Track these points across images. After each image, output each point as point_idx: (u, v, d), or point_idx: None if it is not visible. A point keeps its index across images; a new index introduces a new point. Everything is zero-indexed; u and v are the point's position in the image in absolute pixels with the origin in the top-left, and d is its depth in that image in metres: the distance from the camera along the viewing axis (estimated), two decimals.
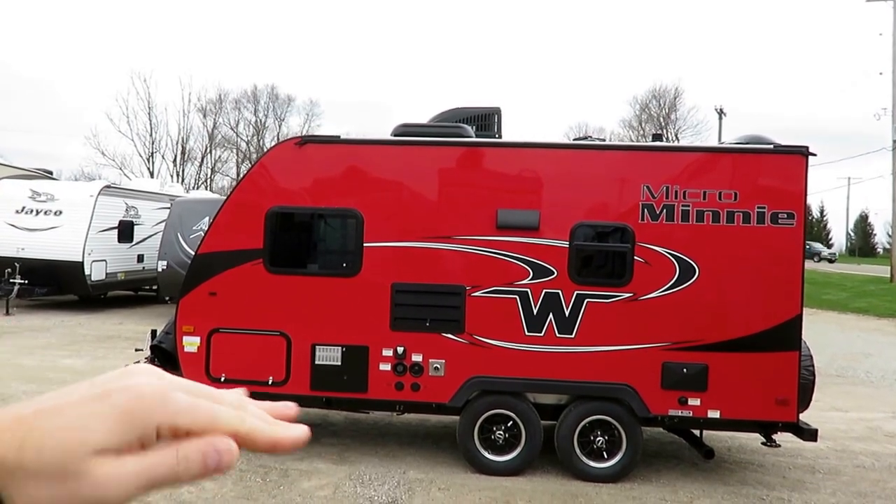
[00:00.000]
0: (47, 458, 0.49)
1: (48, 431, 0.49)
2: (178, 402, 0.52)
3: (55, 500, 0.49)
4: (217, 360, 6.62)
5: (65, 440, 0.49)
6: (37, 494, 0.49)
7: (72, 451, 0.49)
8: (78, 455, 0.49)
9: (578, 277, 6.35)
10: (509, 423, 6.48)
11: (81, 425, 0.50)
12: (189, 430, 0.52)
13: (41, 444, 0.49)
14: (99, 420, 0.50)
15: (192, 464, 0.52)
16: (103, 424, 0.50)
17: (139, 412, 0.51)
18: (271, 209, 6.59)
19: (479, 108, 7.64)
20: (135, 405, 0.51)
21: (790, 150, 6.24)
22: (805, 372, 6.30)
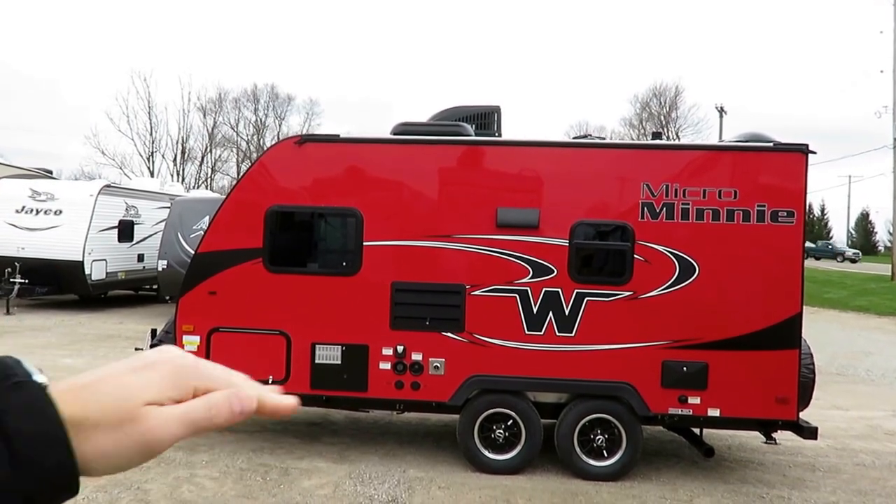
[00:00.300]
0: (108, 410, 0.61)
1: (106, 392, 0.62)
2: (208, 369, 0.68)
3: (116, 443, 0.61)
4: (217, 359, 6.53)
5: (121, 395, 0.62)
6: (101, 440, 0.60)
7: (127, 402, 0.62)
8: (133, 405, 0.62)
9: (578, 276, 6.35)
10: (509, 422, 6.48)
11: (134, 385, 0.63)
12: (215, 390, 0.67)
13: (102, 400, 0.61)
14: (148, 381, 0.63)
15: (221, 409, 0.65)
16: (152, 384, 0.63)
17: (180, 375, 0.65)
18: (271, 208, 6.59)
19: (479, 106, 7.63)
20: (177, 370, 0.65)
21: (790, 147, 6.23)
22: (805, 370, 6.30)
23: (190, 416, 0.64)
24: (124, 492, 5.77)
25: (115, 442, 0.61)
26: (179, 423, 0.63)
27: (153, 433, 0.62)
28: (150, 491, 5.83)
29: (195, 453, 6.72)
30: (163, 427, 0.62)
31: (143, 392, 0.62)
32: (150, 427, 0.62)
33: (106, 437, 0.60)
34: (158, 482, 6.02)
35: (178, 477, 6.16)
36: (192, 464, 6.47)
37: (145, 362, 0.65)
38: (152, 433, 0.62)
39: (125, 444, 0.61)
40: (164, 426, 0.63)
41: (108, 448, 0.61)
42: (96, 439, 0.60)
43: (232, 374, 0.70)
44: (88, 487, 5.77)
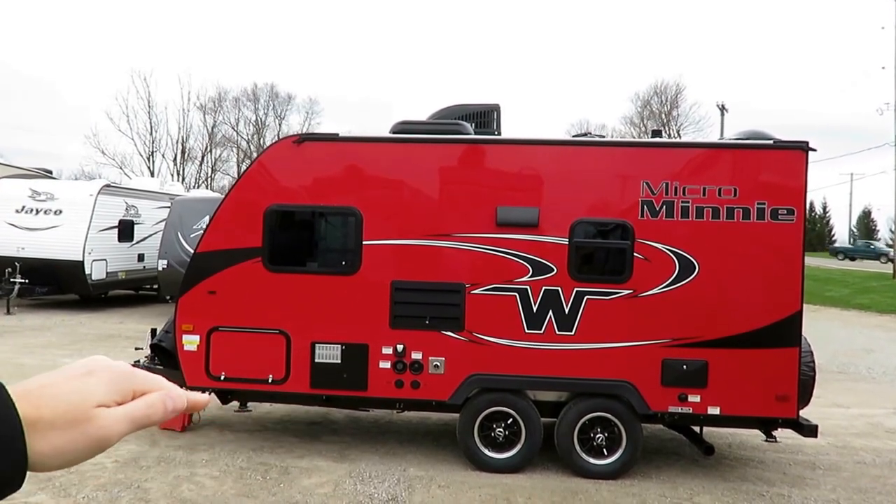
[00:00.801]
0: (63, 411, 0.68)
1: (58, 394, 0.69)
2: (141, 375, 0.76)
3: (70, 441, 0.68)
4: (217, 358, 6.61)
5: (74, 399, 0.69)
6: (56, 439, 0.67)
7: (80, 404, 0.69)
8: (84, 406, 0.69)
9: (578, 274, 6.34)
10: (509, 421, 6.48)
11: (83, 389, 0.70)
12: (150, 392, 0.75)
13: (56, 403, 0.68)
14: (95, 385, 0.71)
15: (157, 407, 0.75)
16: (99, 388, 0.71)
17: (121, 380, 0.73)
18: (270, 207, 6.59)
19: (479, 104, 7.62)
20: (118, 376, 0.74)
21: (790, 145, 6.22)
22: (805, 368, 6.29)
23: (133, 414, 0.73)
24: (124, 490, 5.77)
25: (70, 440, 0.68)
26: (125, 421, 0.72)
27: (104, 431, 0.70)
28: (150, 490, 5.83)
29: (195, 452, 6.72)
30: (112, 426, 0.71)
31: (93, 395, 0.70)
32: (101, 426, 0.70)
33: (60, 436, 0.68)
34: (158, 481, 6.02)
35: (179, 476, 6.16)
36: (192, 463, 6.47)
37: (87, 369, 0.73)
38: (103, 431, 0.70)
39: (79, 441, 0.69)
40: (113, 424, 0.71)
41: (63, 445, 0.68)
42: (51, 438, 0.67)
43: (161, 378, 0.78)
44: (88, 486, 5.78)
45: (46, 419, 0.67)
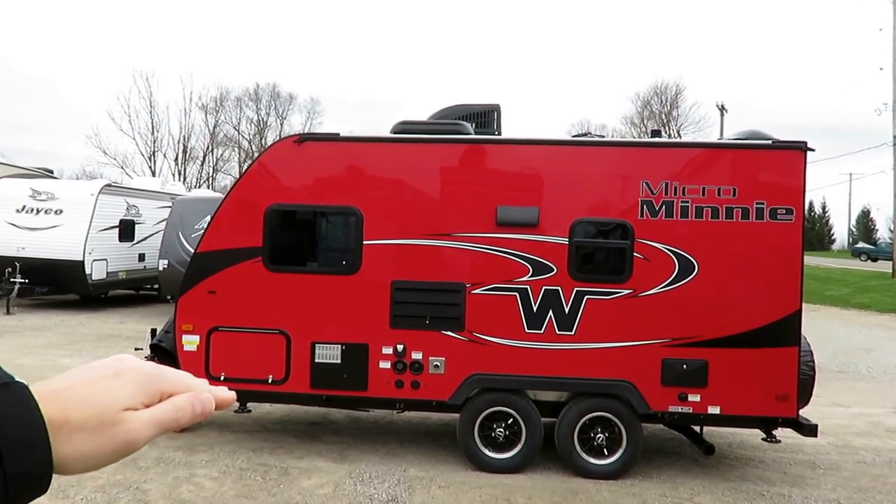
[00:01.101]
0: (91, 414, 0.66)
1: (86, 397, 0.67)
2: (169, 374, 0.75)
3: (97, 444, 0.67)
4: (216, 358, 6.61)
5: (102, 402, 0.67)
6: (82, 442, 0.66)
7: (107, 408, 0.67)
8: (112, 410, 0.68)
9: (578, 274, 6.34)
10: (509, 421, 6.48)
11: (111, 392, 0.68)
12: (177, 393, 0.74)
13: (83, 405, 0.66)
14: (123, 388, 0.69)
15: (185, 410, 0.73)
16: (125, 391, 0.69)
17: (148, 383, 0.71)
18: (270, 207, 6.59)
19: (479, 104, 7.62)
20: (146, 377, 0.72)
21: (788, 145, 6.22)
22: (805, 367, 6.29)
23: (160, 417, 0.71)
24: (123, 492, 5.77)
25: (96, 444, 0.67)
26: (152, 425, 0.70)
27: (131, 435, 0.68)
28: (150, 491, 5.83)
29: (194, 453, 6.72)
30: (139, 430, 0.69)
31: (120, 399, 0.69)
32: (129, 430, 0.68)
33: (87, 440, 0.66)
34: (157, 482, 6.02)
35: (178, 477, 6.16)
36: (192, 464, 6.47)
37: (114, 370, 0.71)
38: (130, 435, 0.68)
39: (105, 445, 0.67)
40: (141, 429, 0.69)
41: (88, 449, 0.66)
42: (77, 441, 0.65)
43: (188, 377, 0.77)
44: (87, 488, 5.78)
45: (73, 422, 0.65)
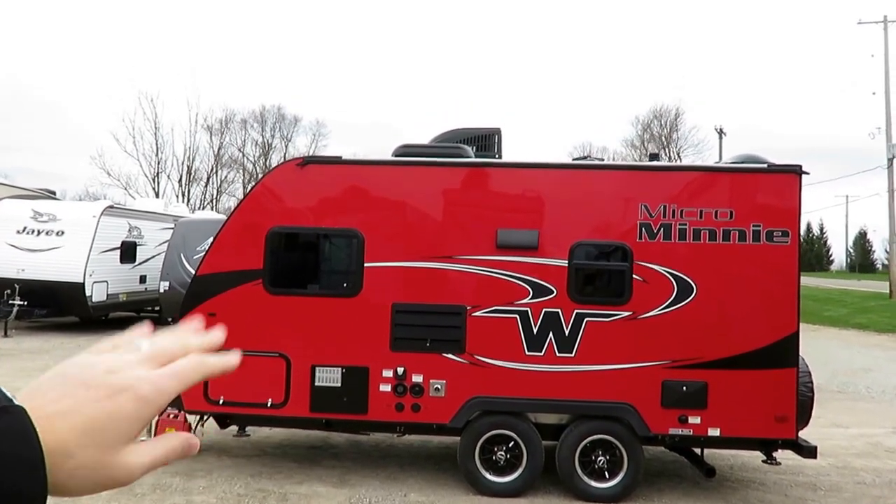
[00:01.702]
0: (91, 454, 0.64)
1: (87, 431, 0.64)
2: (167, 389, 0.69)
3: (95, 480, 0.65)
4: (215, 382, 6.60)
5: (104, 440, 0.65)
6: (81, 477, 0.64)
7: (111, 447, 0.65)
8: (115, 449, 0.65)
9: (578, 296, 6.38)
10: (510, 444, 6.47)
11: (112, 426, 0.65)
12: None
13: (85, 443, 0.64)
14: (124, 423, 0.66)
15: (175, 451, 0.71)
16: (127, 426, 0.66)
17: (146, 411, 0.68)
18: (272, 229, 6.63)
19: (480, 128, 7.70)
20: (143, 408, 0.67)
21: (784, 168, 6.30)
22: (803, 389, 6.31)
23: (153, 456, 0.70)
24: None
25: (96, 478, 0.65)
26: (149, 463, 0.69)
27: (131, 474, 0.67)
28: None
29: (192, 479, 6.69)
30: (138, 468, 0.68)
31: (123, 434, 0.66)
32: (130, 469, 0.67)
33: (88, 475, 0.65)
34: None
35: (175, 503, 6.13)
36: (189, 490, 6.43)
37: (110, 389, 0.66)
38: (130, 474, 0.67)
39: (104, 479, 0.66)
40: (139, 467, 0.68)
41: (88, 483, 0.65)
42: (78, 476, 0.64)
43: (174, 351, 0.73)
44: None
45: (77, 459, 0.63)
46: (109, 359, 0.70)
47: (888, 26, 33.07)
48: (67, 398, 0.65)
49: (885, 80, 32.48)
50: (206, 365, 0.74)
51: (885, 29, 33.00)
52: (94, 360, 0.70)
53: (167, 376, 0.70)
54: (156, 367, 0.70)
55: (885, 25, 33.06)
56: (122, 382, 0.67)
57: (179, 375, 0.71)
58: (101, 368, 0.68)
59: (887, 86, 32.41)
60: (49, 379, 0.67)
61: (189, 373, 0.72)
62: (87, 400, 0.65)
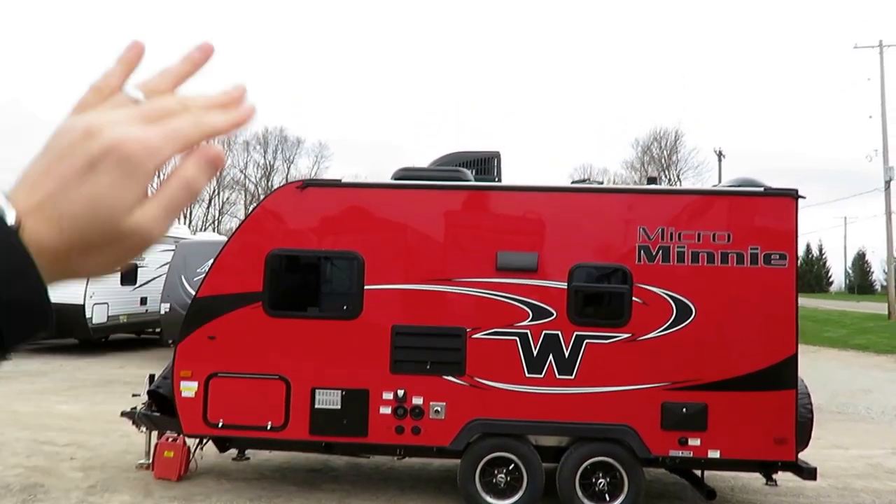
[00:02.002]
0: (92, 237, 0.58)
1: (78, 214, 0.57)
2: (159, 151, 0.60)
3: (112, 255, 0.60)
4: (215, 404, 6.59)
5: (100, 218, 0.58)
6: (97, 257, 0.59)
7: (110, 223, 0.58)
8: (116, 222, 0.58)
9: (577, 318, 6.40)
10: (511, 466, 6.46)
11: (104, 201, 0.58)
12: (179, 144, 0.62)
13: (81, 226, 0.57)
14: (114, 193, 0.58)
15: (195, 179, 0.63)
16: (120, 195, 0.58)
17: (138, 172, 0.59)
18: (272, 252, 6.66)
19: (479, 152, 7.79)
20: (132, 170, 0.59)
21: (780, 192, 6.37)
22: (803, 410, 6.32)
23: (170, 201, 0.62)
24: None
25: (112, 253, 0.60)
26: (164, 215, 0.62)
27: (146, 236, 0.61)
28: None
29: (191, 503, 6.66)
30: (152, 227, 0.61)
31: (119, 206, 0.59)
32: (142, 232, 0.60)
33: (101, 253, 0.60)
34: None
35: None
36: None
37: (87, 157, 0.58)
38: (145, 237, 0.61)
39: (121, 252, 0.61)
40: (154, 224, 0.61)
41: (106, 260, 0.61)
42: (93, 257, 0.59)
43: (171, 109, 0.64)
44: None
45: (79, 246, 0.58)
46: (92, 117, 0.61)
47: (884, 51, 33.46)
48: (51, 180, 0.58)
49: (882, 104, 32.83)
50: (208, 125, 0.64)
51: (881, 53, 33.40)
52: (71, 125, 0.61)
53: (160, 136, 0.61)
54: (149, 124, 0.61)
55: (881, 50, 33.44)
56: (103, 146, 0.58)
57: (175, 135, 0.62)
58: (80, 132, 0.59)
59: (884, 109, 32.76)
60: (34, 163, 0.60)
61: (186, 133, 0.62)
62: (70, 175, 0.58)
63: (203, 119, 0.64)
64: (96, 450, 8.28)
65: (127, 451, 8.15)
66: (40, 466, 7.55)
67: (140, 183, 0.59)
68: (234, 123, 0.67)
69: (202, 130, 0.64)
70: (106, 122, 0.60)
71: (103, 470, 7.48)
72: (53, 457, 7.92)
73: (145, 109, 0.63)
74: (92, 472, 7.37)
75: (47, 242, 0.56)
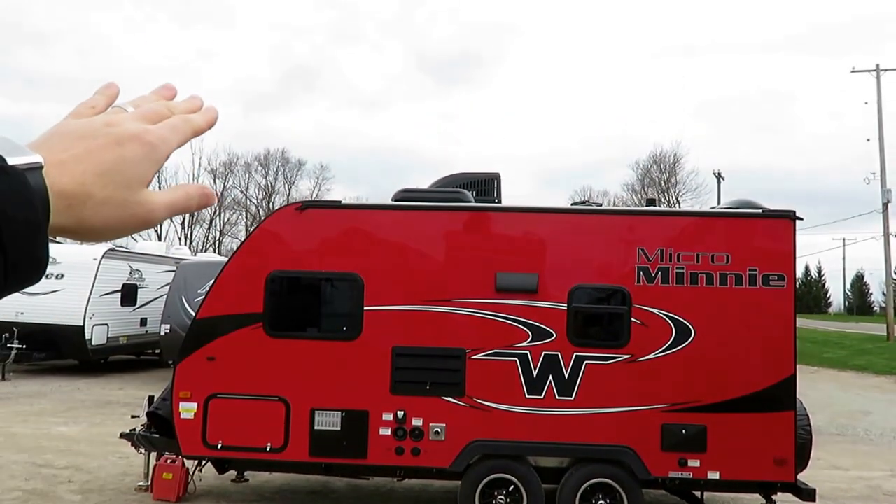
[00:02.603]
0: (112, 192, 0.67)
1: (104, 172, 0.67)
2: (169, 140, 0.73)
3: (121, 218, 0.69)
4: (214, 426, 6.57)
5: (122, 180, 0.68)
6: (108, 215, 0.67)
7: (130, 187, 0.69)
8: (134, 190, 0.69)
9: (577, 339, 6.42)
10: (511, 488, 6.43)
11: (128, 169, 0.68)
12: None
13: (104, 182, 0.66)
14: (136, 166, 0.69)
15: (193, 199, 0.75)
16: (141, 169, 0.69)
17: (154, 155, 0.71)
18: (272, 273, 6.68)
19: (479, 173, 7.86)
20: (151, 153, 0.70)
21: (778, 214, 6.43)
22: (802, 431, 6.33)
23: (175, 204, 0.74)
24: None
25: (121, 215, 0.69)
26: (167, 209, 0.73)
27: (152, 214, 0.71)
28: None
29: None
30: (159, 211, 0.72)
31: (136, 177, 0.69)
32: (151, 209, 0.71)
33: (113, 212, 0.68)
34: None
35: None
36: None
37: (115, 137, 0.69)
38: (152, 214, 0.71)
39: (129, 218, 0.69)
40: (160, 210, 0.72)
41: (114, 220, 0.68)
42: (104, 213, 0.67)
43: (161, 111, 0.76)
44: None
45: (98, 197, 0.66)
46: (104, 116, 0.72)
47: (881, 75, 33.75)
48: (76, 147, 0.67)
49: (879, 128, 33.12)
50: (194, 122, 0.77)
51: (878, 78, 33.71)
52: (89, 120, 0.71)
53: (167, 128, 0.74)
54: (151, 123, 0.73)
55: (878, 74, 33.75)
56: (127, 132, 0.70)
57: (176, 130, 0.75)
58: (101, 123, 0.70)
59: (881, 132, 33.05)
60: (49, 137, 0.68)
61: (182, 129, 0.75)
62: (97, 147, 0.67)
63: (189, 118, 0.77)
64: (95, 472, 8.24)
65: (126, 473, 8.12)
66: (38, 489, 7.51)
67: (154, 164, 0.71)
68: (209, 122, 0.80)
69: (192, 127, 0.77)
70: (119, 119, 0.72)
71: (101, 493, 7.44)
72: (51, 479, 7.89)
73: (142, 112, 0.75)
74: (90, 496, 7.34)
75: (68, 188, 0.64)
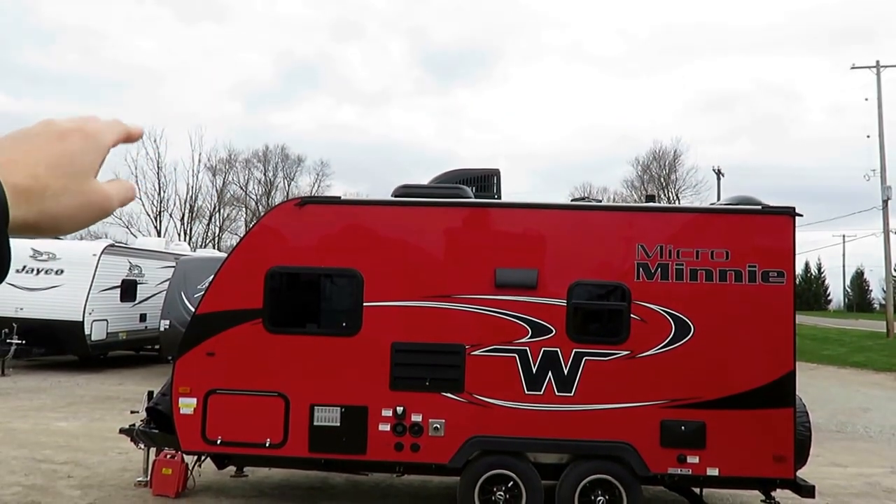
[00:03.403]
0: (67, 182, 0.71)
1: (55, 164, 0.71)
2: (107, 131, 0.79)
3: (80, 206, 0.73)
4: (213, 421, 6.57)
5: (73, 169, 0.73)
6: (68, 204, 0.72)
7: (82, 174, 0.73)
8: (88, 176, 0.74)
9: (576, 335, 6.42)
10: (510, 484, 6.44)
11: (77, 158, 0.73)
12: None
13: (56, 173, 0.71)
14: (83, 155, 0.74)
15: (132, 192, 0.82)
16: (89, 158, 0.75)
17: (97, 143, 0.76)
18: (271, 269, 6.68)
19: (479, 169, 7.85)
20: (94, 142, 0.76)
21: (778, 210, 6.42)
22: (801, 428, 6.33)
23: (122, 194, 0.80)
24: None
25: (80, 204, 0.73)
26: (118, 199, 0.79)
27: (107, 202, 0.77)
28: None
29: None
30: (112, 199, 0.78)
31: (87, 164, 0.75)
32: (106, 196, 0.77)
33: (72, 201, 0.72)
34: None
35: None
36: None
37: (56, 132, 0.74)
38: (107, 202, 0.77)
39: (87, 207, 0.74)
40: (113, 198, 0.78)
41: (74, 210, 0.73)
42: (64, 202, 0.72)
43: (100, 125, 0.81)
44: None
45: (54, 187, 0.70)
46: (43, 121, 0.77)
47: (881, 71, 33.71)
48: (24, 146, 0.71)
49: (879, 124, 33.07)
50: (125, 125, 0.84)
51: (878, 74, 33.66)
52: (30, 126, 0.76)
53: (102, 124, 0.80)
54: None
55: (878, 71, 33.70)
56: (67, 127, 0.75)
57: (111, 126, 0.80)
58: (42, 124, 0.75)
59: (881, 129, 32.99)
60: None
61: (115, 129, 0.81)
62: (43, 143, 0.72)
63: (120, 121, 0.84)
64: (94, 468, 8.25)
65: (125, 469, 8.13)
66: (38, 485, 7.52)
67: (97, 154, 0.76)
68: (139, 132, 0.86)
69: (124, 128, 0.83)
70: (58, 120, 0.76)
71: (101, 488, 7.45)
72: (51, 475, 7.90)
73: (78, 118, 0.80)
74: (90, 491, 7.35)
75: (23, 183, 0.68)
